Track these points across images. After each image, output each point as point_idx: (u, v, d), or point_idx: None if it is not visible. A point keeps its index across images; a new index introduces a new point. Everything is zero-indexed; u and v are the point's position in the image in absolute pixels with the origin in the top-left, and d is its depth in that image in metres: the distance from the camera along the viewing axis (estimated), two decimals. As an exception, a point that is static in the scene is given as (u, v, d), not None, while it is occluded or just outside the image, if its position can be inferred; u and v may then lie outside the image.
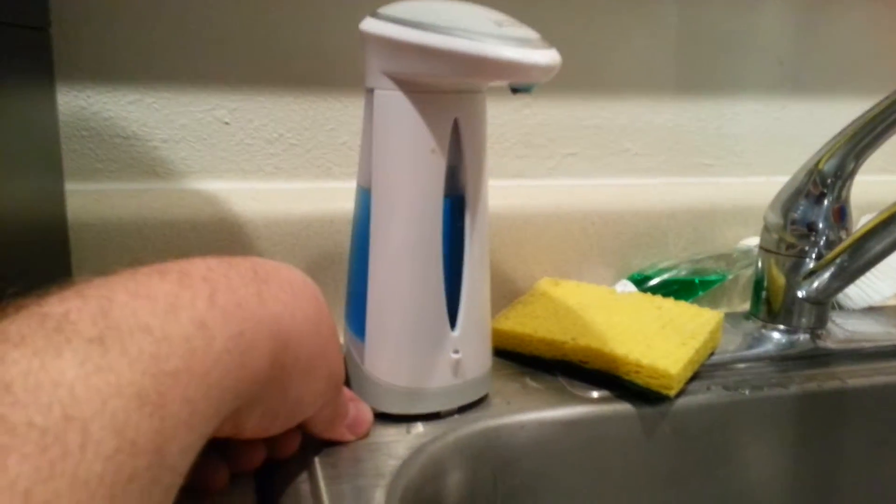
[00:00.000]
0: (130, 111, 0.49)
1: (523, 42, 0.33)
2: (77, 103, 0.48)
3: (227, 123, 0.51)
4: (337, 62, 0.52)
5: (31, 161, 0.31)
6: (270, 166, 0.52)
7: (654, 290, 0.56)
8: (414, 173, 0.39)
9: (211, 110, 0.50)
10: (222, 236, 0.49)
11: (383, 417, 0.41)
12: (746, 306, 0.61)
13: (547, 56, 0.33)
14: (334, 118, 0.53)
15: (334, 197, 0.52)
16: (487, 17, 0.35)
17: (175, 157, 0.50)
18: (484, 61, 0.33)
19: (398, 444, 0.39)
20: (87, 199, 0.47)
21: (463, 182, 0.40)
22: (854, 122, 0.47)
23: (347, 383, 0.44)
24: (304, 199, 0.51)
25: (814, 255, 0.50)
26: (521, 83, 0.34)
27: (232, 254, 0.49)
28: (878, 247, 0.46)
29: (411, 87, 0.37)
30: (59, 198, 0.36)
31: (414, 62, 0.36)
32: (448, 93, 0.38)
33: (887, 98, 0.45)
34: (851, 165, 0.48)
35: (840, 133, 0.48)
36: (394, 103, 0.38)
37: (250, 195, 0.51)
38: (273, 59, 0.50)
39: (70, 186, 0.44)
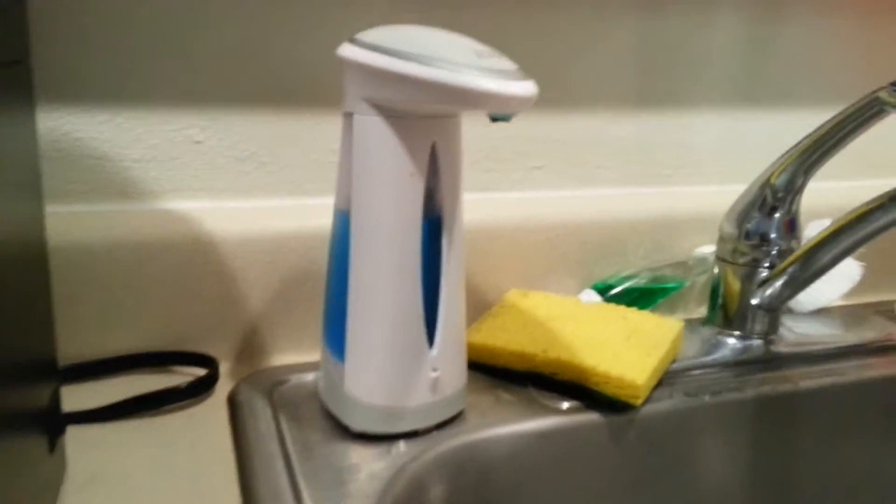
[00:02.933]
0: (101, 131, 0.48)
1: (502, 73, 0.35)
2: (46, 125, 0.47)
3: (198, 142, 0.50)
4: (307, 79, 0.52)
5: (12, 186, 0.31)
6: (243, 184, 0.52)
7: (617, 299, 0.59)
8: (393, 197, 0.40)
9: (182, 129, 0.50)
10: (196, 257, 0.49)
11: (363, 437, 0.42)
12: (702, 310, 0.64)
13: (525, 87, 0.35)
14: (306, 135, 0.53)
15: (307, 214, 0.52)
16: (468, 48, 0.36)
17: (146, 177, 0.50)
18: (465, 92, 0.35)
19: (380, 464, 0.40)
20: (57, 221, 0.47)
21: (440, 204, 0.41)
22: (804, 139, 0.50)
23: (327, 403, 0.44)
24: (278, 217, 0.52)
25: (766, 265, 0.53)
26: (500, 113, 0.35)
27: (205, 274, 0.49)
28: (826, 257, 0.49)
29: (390, 113, 0.38)
30: (40, 222, 0.36)
31: (395, 90, 0.37)
32: (426, 118, 0.39)
33: (835, 117, 0.48)
34: (801, 180, 0.51)
35: (791, 150, 0.51)
36: (373, 128, 0.39)
37: (223, 214, 0.51)
38: (244, 77, 0.50)
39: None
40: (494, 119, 0.36)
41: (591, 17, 0.58)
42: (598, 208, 0.61)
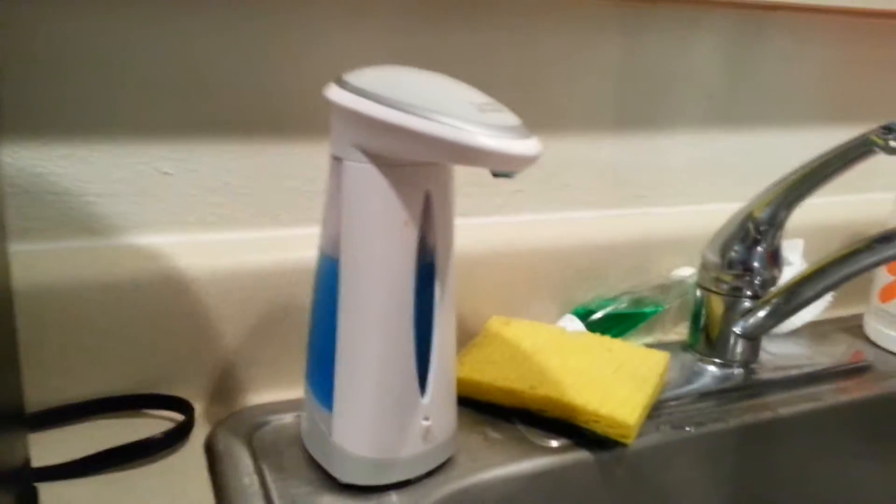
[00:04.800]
0: (62, 166, 0.45)
1: (506, 130, 0.33)
2: (0, 160, 0.43)
3: (167, 174, 0.48)
4: (280, 107, 0.50)
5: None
6: (214, 216, 0.50)
7: (597, 324, 0.58)
8: (387, 247, 0.38)
9: (150, 162, 0.47)
10: (167, 295, 0.47)
11: (351, 488, 0.41)
12: (678, 330, 0.64)
13: (528, 146, 0.33)
14: (281, 163, 0.51)
15: (284, 246, 0.50)
16: (467, 99, 0.35)
17: (113, 213, 0.47)
18: (466, 149, 0.33)
19: (374, 519, 0.39)
20: (16, 261, 0.43)
21: (432, 249, 0.40)
22: (787, 176, 0.50)
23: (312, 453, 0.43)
24: (253, 250, 0.49)
25: (749, 294, 0.54)
26: (502, 171, 0.34)
27: (177, 313, 0.47)
28: (810, 292, 0.49)
29: (383, 161, 0.37)
30: (4, 262, 0.33)
31: (391, 141, 0.35)
32: (421, 165, 0.37)
33: (823, 155, 0.48)
34: (784, 213, 0.51)
35: (774, 185, 0.51)
36: (365, 176, 0.37)
37: (194, 249, 0.48)
38: (214, 106, 0.48)
39: None
40: (496, 175, 0.34)
41: (571, 43, 0.57)
42: (578, 232, 0.60)
